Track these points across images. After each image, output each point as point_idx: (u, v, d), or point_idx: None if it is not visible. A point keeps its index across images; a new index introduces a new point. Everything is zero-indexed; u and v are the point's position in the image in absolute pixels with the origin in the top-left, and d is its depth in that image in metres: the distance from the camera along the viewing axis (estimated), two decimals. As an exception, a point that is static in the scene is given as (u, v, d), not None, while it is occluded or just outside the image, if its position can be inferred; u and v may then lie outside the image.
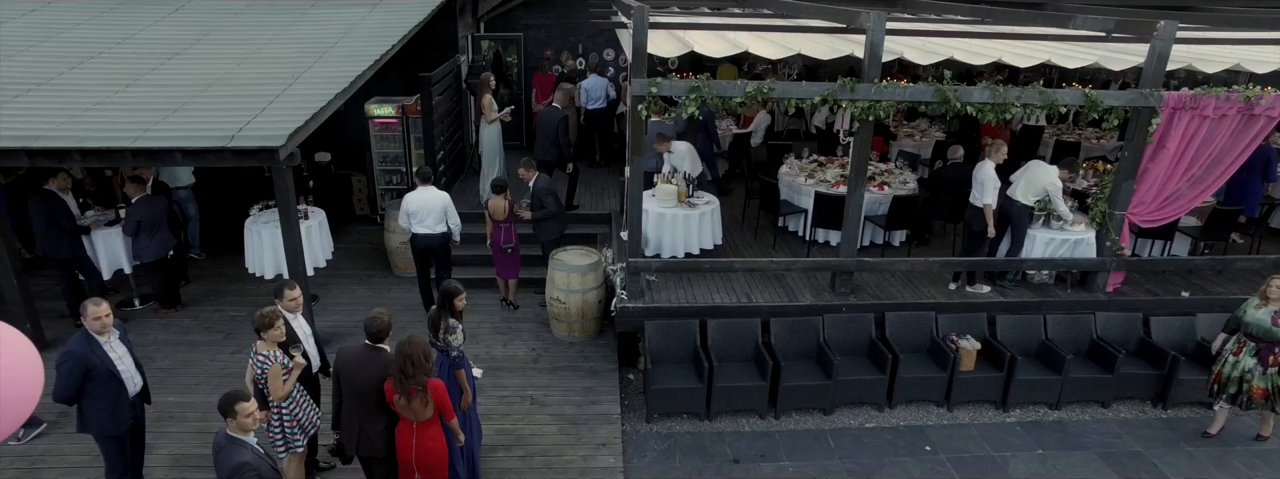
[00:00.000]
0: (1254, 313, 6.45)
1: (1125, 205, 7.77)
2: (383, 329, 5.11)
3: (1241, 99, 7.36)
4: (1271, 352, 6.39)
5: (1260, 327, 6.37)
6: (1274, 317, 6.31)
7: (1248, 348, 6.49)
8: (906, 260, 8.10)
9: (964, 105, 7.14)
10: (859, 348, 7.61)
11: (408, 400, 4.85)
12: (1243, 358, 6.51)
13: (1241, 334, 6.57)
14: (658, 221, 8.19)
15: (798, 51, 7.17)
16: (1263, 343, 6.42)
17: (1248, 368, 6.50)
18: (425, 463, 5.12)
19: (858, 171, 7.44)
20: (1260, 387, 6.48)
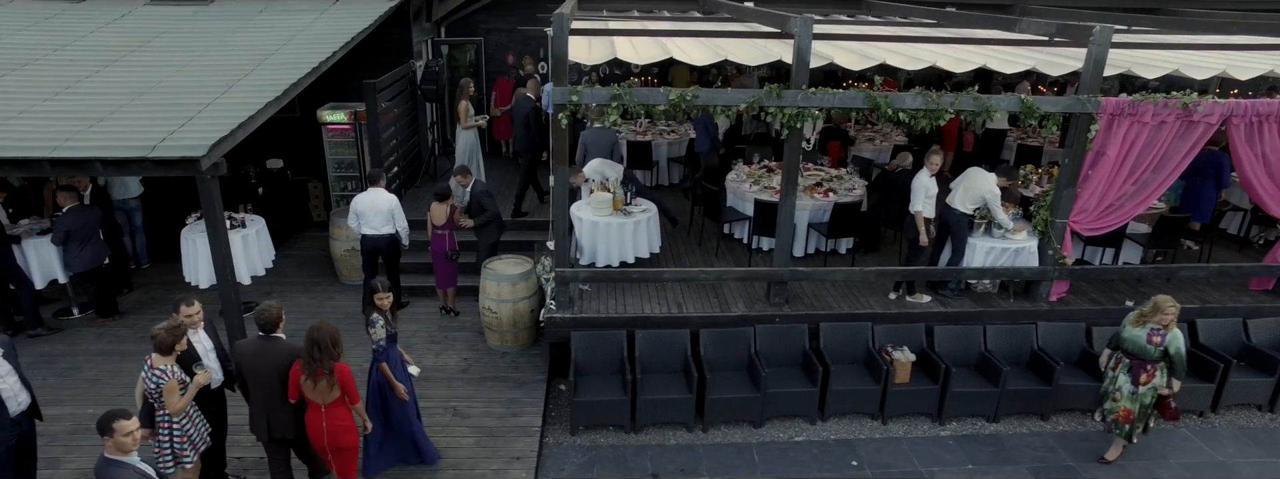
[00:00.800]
0: (1131, 330, 6.17)
1: (1067, 213, 7.58)
2: (272, 320, 5.34)
3: (1180, 105, 7.17)
4: (1144, 369, 6.16)
5: (1136, 344, 6.12)
6: (1150, 334, 6.07)
7: (1123, 364, 6.25)
8: (841, 270, 7.94)
9: (896, 112, 7.00)
10: (792, 359, 7.46)
11: (314, 383, 5.12)
12: (1118, 374, 6.28)
13: (1118, 350, 6.32)
14: (592, 230, 8.08)
15: (724, 57, 7.05)
16: (1136, 360, 6.17)
17: (1119, 386, 6.27)
18: (337, 444, 5.38)
19: (788, 179, 7.30)
20: (1126, 408, 6.26)
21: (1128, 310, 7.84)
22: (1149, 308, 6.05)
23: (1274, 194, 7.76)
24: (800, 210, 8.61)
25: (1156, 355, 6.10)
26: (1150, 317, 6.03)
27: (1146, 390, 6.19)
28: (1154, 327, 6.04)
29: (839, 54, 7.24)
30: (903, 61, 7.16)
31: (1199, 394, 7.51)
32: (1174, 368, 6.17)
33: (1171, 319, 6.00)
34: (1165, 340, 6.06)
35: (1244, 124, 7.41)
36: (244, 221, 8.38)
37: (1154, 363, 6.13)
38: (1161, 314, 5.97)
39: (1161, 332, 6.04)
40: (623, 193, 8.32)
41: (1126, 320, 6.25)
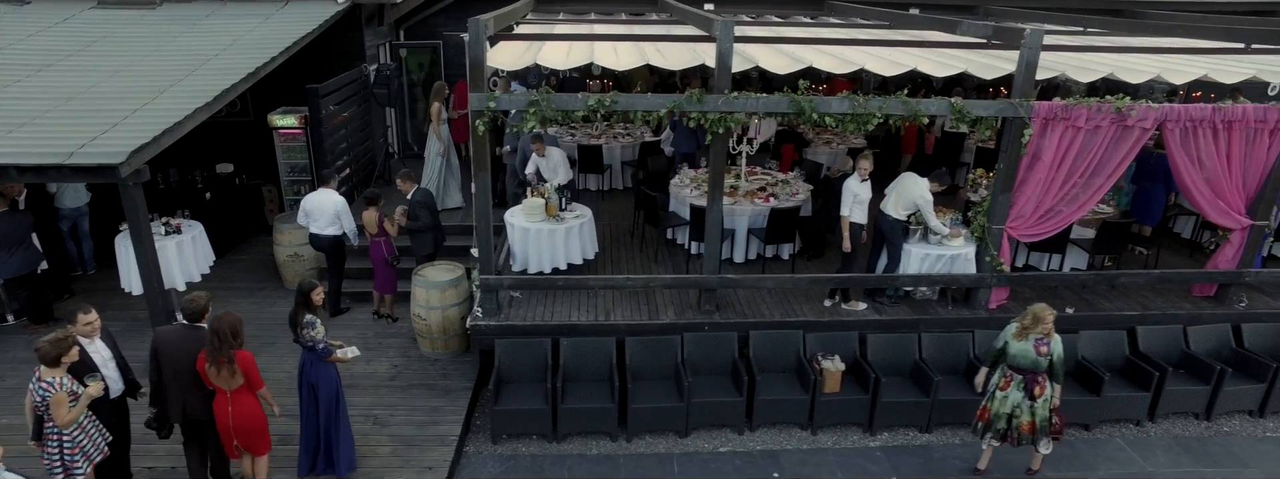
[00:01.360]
0: (1017, 345, 5.98)
1: (1003, 219, 7.45)
2: (199, 310, 5.53)
3: (1113, 110, 7.02)
4: (1036, 382, 5.99)
5: (1026, 358, 5.93)
6: (1036, 345, 5.90)
7: (1015, 381, 6.06)
8: (772, 276, 7.83)
9: (821, 116, 6.88)
10: (720, 368, 7.36)
11: (217, 370, 5.30)
12: (1011, 392, 6.09)
13: (1006, 367, 6.12)
14: (522, 236, 7.99)
15: (646, 62, 6.95)
16: (1028, 374, 6.00)
17: (1016, 402, 6.09)
18: (243, 428, 5.56)
19: (714, 185, 7.20)
20: (1028, 421, 6.10)
21: (1068, 317, 7.81)
22: (1028, 319, 5.89)
23: (1210, 200, 7.60)
24: (740, 216, 8.54)
25: (1046, 366, 5.96)
26: (1032, 328, 5.87)
27: (1042, 403, 6.05)
28: (1038, 337, 5.89)
29: (766, 56, 7.13)
30: (831, 64, 7.05)
31: (1135, 403, 7.37)
32: (1054, 374, 6.03)
33: (1051, 327, 5.87)
34: (1051, 349, 5.93)
35: (1179, 129, 7.26)
36: (180, 228, 8.33)
37: (1043, 374, 6.00)
38: (1042, 323, 5.83)
39: (1046, 341, 5.91)
40: (557, 199, 8.23)
41: (1007, 335, 6.07)
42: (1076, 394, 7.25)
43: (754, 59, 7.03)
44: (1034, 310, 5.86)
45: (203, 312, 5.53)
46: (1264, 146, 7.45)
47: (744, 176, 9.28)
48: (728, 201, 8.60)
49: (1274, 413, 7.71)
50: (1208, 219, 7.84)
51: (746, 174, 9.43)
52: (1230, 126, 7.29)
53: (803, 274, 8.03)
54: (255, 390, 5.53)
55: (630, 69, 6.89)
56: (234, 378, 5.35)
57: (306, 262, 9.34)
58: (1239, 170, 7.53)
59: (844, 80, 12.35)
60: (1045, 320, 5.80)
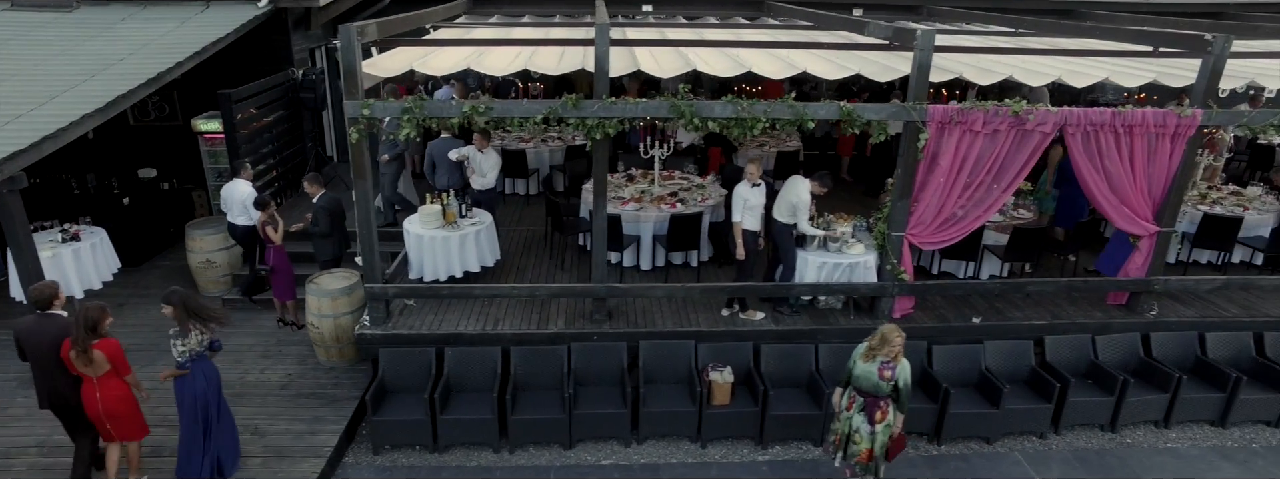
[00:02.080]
0: (862, 366, 5.66)
1: (903, 226, 7.27)
2: (45, 298, 5.72)
3: (1011, 114, 6.83)
4: (877, 406, 5.72)
5: (868, 381, 5.65)
6: (881, 368, 5.63)
7: (857, 403, 5.78)
8: (662, 285, 7.69)
9: (704, 121, 6.72)
10: (608, 378, 7.21)
11: (81, 358, 5.46)
12: (853, 414, 5.80)
13: (851, 389, 5.83)
14: (417, 244, 7.87)
15: (524, 67, 6.82)
16: (869, 398, 5.73)
17: (857, 427, 5.80)
18: (112, 411, 5.69)
19: (598, 192, 7.05)
20: (867, 448, 5.81)
21: (973, 327, 7.64)
22: (876, 340, 5.59)
23: (1115, 206, 7.39)
24: (645, 222, 8.40)
25: (888, 391, 5.68)
26: (879, 350, 5.58)
27: (882, 428, 5.77)
28: (883, 360, 5.62)
29: (649, 60, 6.98)
30: (718, 68, 6.89)
31: (1038, 415, 7.18)
32: (899, 402, 5.76)
33: (899, 350, 5.60)
34: (895, 373, 5.65)
35: (1080, 134, 7.06)
36: (78, 234, 8.26)
37: (886, 399, 5.73)
38: (889, 346, 5.54)
39: (891, 365, 5.63)
40: (457, 205, 8.11)
41: (856, 355, 5.78)
42: (978, 407, 7.08)
43: (634, 64, 6.87)
44: (882, 331, 5.58)
45: (50, 300, 5.73)
46: (1166, 152, 7.24)
47: (658, 181, 9.13)
48: (633, 207, 8.48)
49: (1179, 423, 7.50)
50: (1117, 226, 7.62)
51: (662, 179, 9.28)
52: (1131, 131, 7.09)
53: (696, 283, 7.86)
54: (122, 376, 5.67)
55: (506, 74, 6.76)
56: (95, 365, 5.49)
57: (219, 267, 9.25)
58: (1143, 176, 7.32)
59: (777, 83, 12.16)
60: (892, 342, 5.52)
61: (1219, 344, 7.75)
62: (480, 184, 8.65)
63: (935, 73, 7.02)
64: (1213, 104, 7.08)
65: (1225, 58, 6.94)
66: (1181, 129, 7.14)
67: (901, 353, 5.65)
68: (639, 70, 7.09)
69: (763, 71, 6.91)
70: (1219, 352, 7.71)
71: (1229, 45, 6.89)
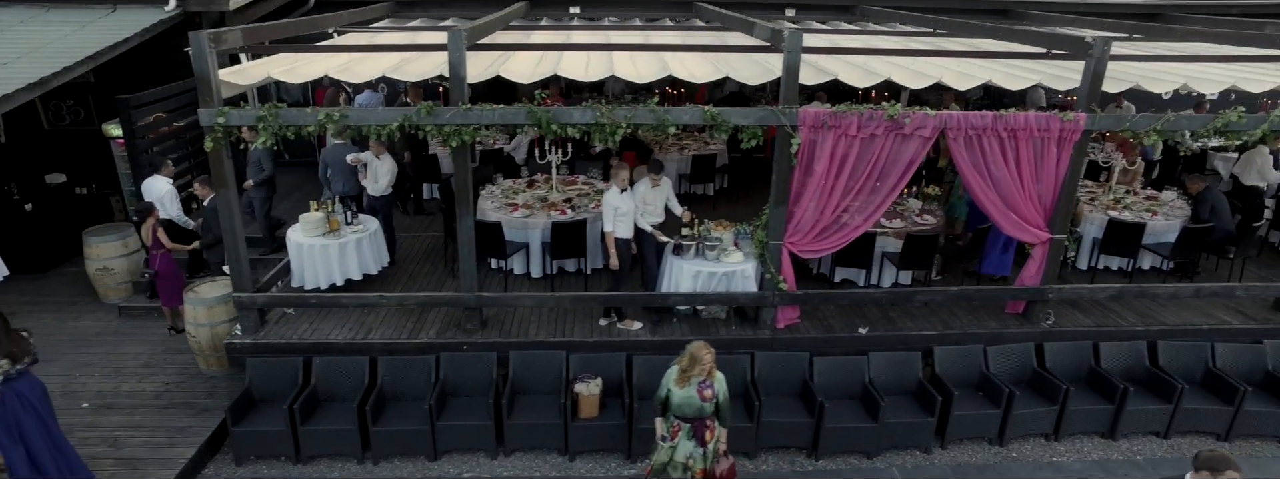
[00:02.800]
0: (680, 392, 5.41)
1: (781, 234, 7.09)
2: None
3: (886, 117, 6.64)
4: (705, 427, 5.53)
5: (691, 406, 5.43)
6: (700, 389, 5.42)
7: (684, 430, 5.55)
8: (531, 295, 7.53)
9: (562, 127, 6.57)
10: (477, 389, 7.05)
11: None
12: (680, 442, 5.57)
13: (672, 417, 5.58)
14: (298, 252, 7.75)
15: (380, 74, 6.68)
16: (696, 421, 5.52)
17: (689, 452, 5.58)
18: None
19: (462, 200, 6.90)
20: (702, 468, 5.62)
21: (860, 338, 7.44)
22: (685, 361, 5.37)
23: (1002, 211, 7.18)
24: (533, 229, 8.25)
25: (712, 410, 5.51)
26: (691, 371, 5.37)
27: (712, 446, 5.61)
28: (700, 380, 5.42)
29: (512, 66, 6.83)
30: (577, 72, 6.72)
31: (922, 429, 6.97)
32: (721, 417, 5.59)
33: (712, 365, 5.41)
34: (715, 391, 5.47)
35: (962, 138, 6.86)
36: (-37, 241, 8.21)
37: (712, 418, 5.55)
38: (700, 364, 5.33)
39: (708, 383, 5.44)
40: (342, 212, 7.99)
41: (668, 383, 5.52)
42: (857, 421, 6.89)
43: (496, 70, 6.72)
44: (690, 350, 5.35)
45: None
46: (1053, 157, 7.03)
47: (557, 187, 8.99)
48: (521, 214, 8.34)
49: (1069, 435, 7.28)
50: (1005, 232, 7.41)
51: (564, 184, 9.13)
52: (1015, 135, 6.89)
53: (568, 292, 7.71)
54: None
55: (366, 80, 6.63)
56: None
57: (118, 275, 9.17)
58: (1031, 181, 7.10)
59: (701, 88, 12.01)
60: (703, 360, 5.31)
61: (1114, 354, 7.52)
62: (375, 190, 8.52)
63: (819, 75, 6.87)
64: (1096, 108, 6.87)
65: (1105, 61, 6.72)
66: (1066, 134, 6.93)
67: (714, 367, 5.47)
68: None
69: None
70: (1113, 362, 7.48)
71: (1108, 48, 6.67)
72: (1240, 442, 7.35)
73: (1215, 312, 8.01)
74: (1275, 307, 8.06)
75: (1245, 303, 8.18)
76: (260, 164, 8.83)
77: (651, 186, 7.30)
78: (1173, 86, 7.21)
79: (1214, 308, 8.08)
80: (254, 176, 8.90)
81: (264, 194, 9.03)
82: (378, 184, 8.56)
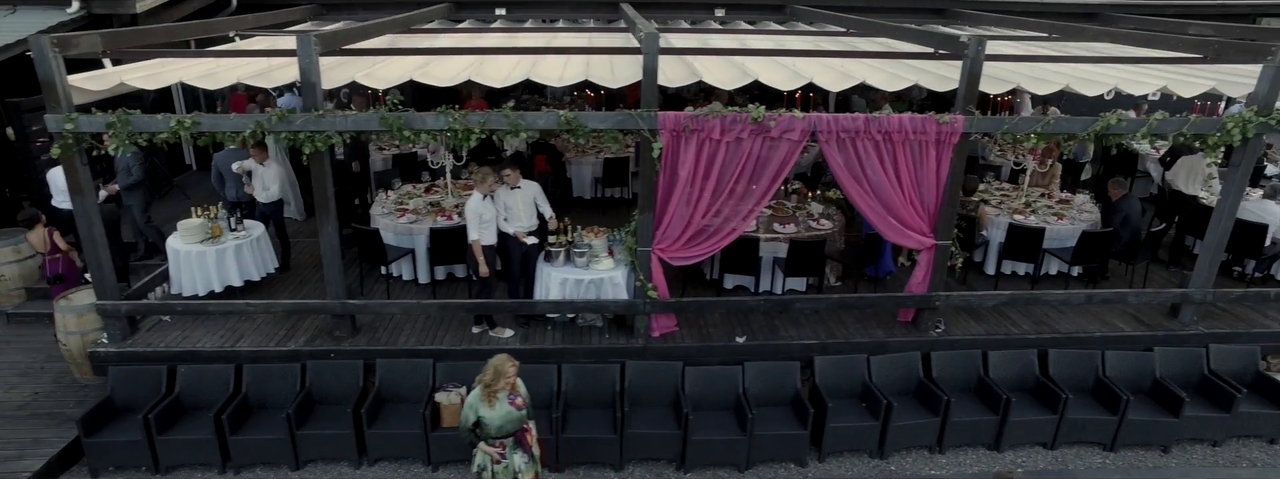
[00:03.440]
0: (493, 413, 5.22)
1: (649, 240, 6.92)
2: None
3: (751, 120, 6.46)
4: (523, 430, 5.43)
5: (511, 421, 5.28)
6: (511, 401, 5.28)
7: (508, 444, 5.40)
8: (398, 303, 7.40)
9: (417, 133, 6.43)
10: (344, 398, 6.92)
11: None
12: (510, 457, 5.41)
13: (490, 438, 5.34)
14: (175, 259, 7.63)
15: (237, 80, 6.55)
16: (517, 433, 5.40)
17: (520, 466, 5.44)
18: None
19: (321, 207, 6.77)
20: (534, 473, 5.52)
21: (736, 347, 7.26)
22: (489, 376, 5.20)
23: (882, 216, 6.99)
24: (418, 235, 8.11)
25: (527, 414, 5.42)
26: (495, 385, 5.21)
27: (534, 445, 5.53)
28: (508, 395, 5.29)
29: (357, 71, 6.67)
30: (424, 76, 6.57)
31: (796, 441, 6.77)
32: (528, 412, 5.50)
33: (515, 376, 5.29)
34: (524, 398, 5.37)
35: (835, 141, 6.68)
36: None
37: (529, 422, 5.47)
38: (505, 377, 5.20)
39: (515, 394, 5.32)
40: (226, 217, 7.87)
41: (476, 406, 5.29)
42: (728, 433, 6.70)
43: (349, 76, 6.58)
44: (493, 363, 5.20)
45: None
46: (932, 160, 6.83)
47: (453, 192, 8.84)
48: (407, 219, 8.21)
49: (954, 447, 7.07)
50: (887, 239, 7.22)
51: (461, 189, 8.99)
52: (890, 138, 6.70)
53: (429, 300, 7.56)
54: None
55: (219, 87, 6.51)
56: None
57: (9, 281, 9.06)
58: (911, 186, 6.91)
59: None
60: (506, 373, 5.18)
61: (1004, 363, 7.31)
62: (264, 197, 8.40)
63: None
64: (974, 110, 6.68)
65: (981, 61, 6.53)
66: (944, 136, 6.74)
67: (516, 375, 5.35)
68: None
69: (479, 79, 6.58)
70: (1003, 371, 7.28)
71: (983, 48, 6.48)
72: (1126, 451, 7.14)
73: (1112, 318, 7.80)
74: (1172, 313, 7.82)
75: (1143, 309, 7.96)
76: (129, 169, 8.63)
77: (511, 190, 7.14)
78: (1056, 87, 6.99)
79: (1112, 315, 7.86)
80: (122, 181, 8.72)
81: (139, 199, 8.87)
82: (267, 191, 8.43)
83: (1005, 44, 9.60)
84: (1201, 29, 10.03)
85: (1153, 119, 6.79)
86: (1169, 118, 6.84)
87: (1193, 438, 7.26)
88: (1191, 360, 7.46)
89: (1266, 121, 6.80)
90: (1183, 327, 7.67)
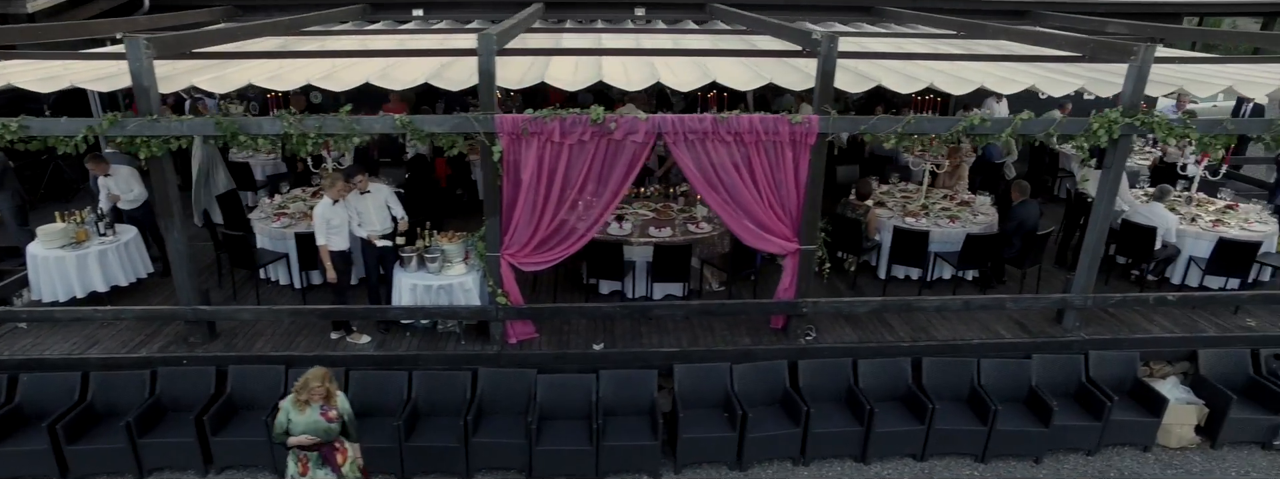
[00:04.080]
0: (303, 419, 5.16)
1: (498, 245, 6.77)
2: None
3: (591, 122, 6.29)
4: (335, 450, 5.29)
5: (318, 430, 5.18)
6: (324, 412, 5.18)
7: (312, 459, 5.27)
8: (250, 308, 7.28)
9: (253, 138, 6.32)
10: (196, 406, 6.79)
11: None
12: (312, 471, 5.29)
13: (298, 452, 5.28)
14: (33, 264, 7.56)
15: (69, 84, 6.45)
16: (325, 446, 5.27)
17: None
18: None
19: (164, 212, 6.67)
20: None
21: (593, 355, 7.08)
22: (299, 385, 5.14)
23: (738, 220, 6.79)
24: (292, 239, 7.99)
25: (340, 430, 5.28)
26: (302, 395, 5.13)
27: (349, 466, 5.36)
28: (320, 406, 5.18)
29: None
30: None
31: (646, 453, 6.58)
32: (350, 433, 5.39)
33: (326, 390, 5.18)
34: (339, 410, 5.27)
35: (683, 143, 6.49)
36: None
37: (340, 438, 5.32)
38: (308, 391, 5.10)
39: (330, 405, 5.22)
40: (93, 222, 7.81)
41: (288, 414, 5.21)
42: (576, 443, 6.54)
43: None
44: (305, 377, 5.13)
45: None
46: (789, 162, 6.63)
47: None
48: (280, 224, 8.11)
49: (820, 458, 6.86)
50: (746, 243, 7.01)
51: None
52: (742, 139, 6.50)
53: (280, 305, 7.45)
54: None
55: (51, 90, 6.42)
56: None
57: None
58: (769, 188, 6.70)
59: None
60: (310, 386, 5.11)
61: (876, 371, 7.09)
62: (128, 203, 8.26)
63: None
64: (831, 110, 6.46)
65: (834, 59, 6.33)
66: (799, 136, 6.53)
67: (334, 389, 5.26)
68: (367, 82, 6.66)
69: (379, 83, 6.46)
70: (872, 380, 7.05)
71: (836, 45, 6.28)
72: (997, 462, 6.90)
73: (995, 325, 7.54)
74: (1057, 319, 7.56)
75: (1030, 316, 7.69)
76: None
77: (362, 195, 7.02)
78: (923, 84, 6.75)
79: (996, 321, 7.61)
80: None
81: (9, 203, 8.78)
82: (131, 193, 8.28)
83: (917, 41, 9.39)
84: (1118, 27, 9.76)
85: (1018, 119, 6.55)
86: (1035, 117, 6.61)
87: (1068, 447, 7.03)
88: (1071, 368, 7.21)
89: (1131, 122, 6.55)
90: (1065, 333, 7.41)
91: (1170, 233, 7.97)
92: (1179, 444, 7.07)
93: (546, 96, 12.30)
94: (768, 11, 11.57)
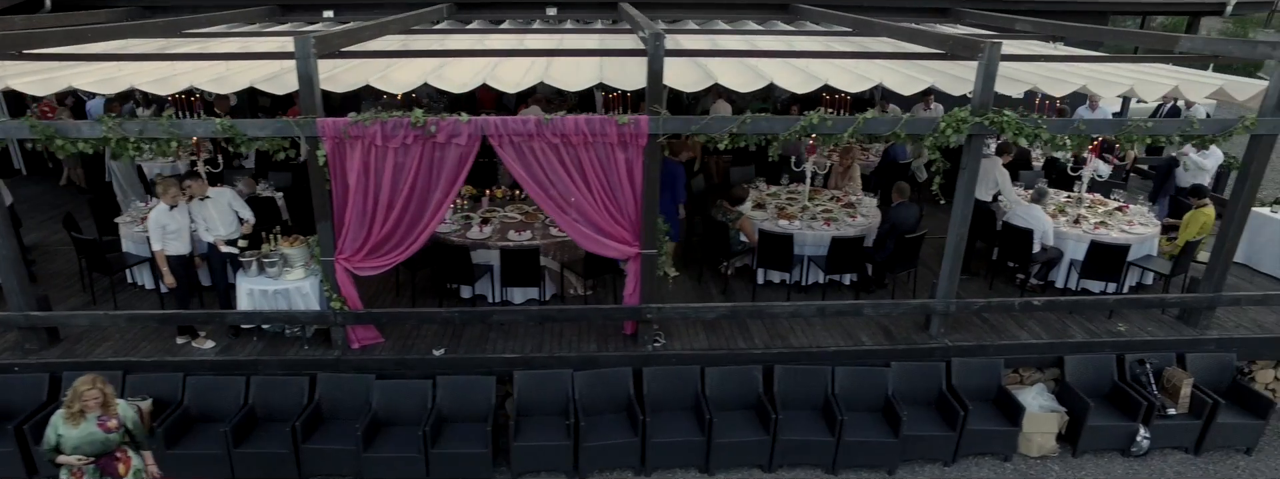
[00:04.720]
0: (76, 432, 4.96)
1: (332, 250, 6.65)
2: None
3: (412, 125, 6.16)
4: (116, 460, 5.12)
5: (95, 443, 5.01)
6: (101, 424, 5.01)
7: (88, 471, 5.08)
8: (85, 313, 7.22)
9: (72, 142, 6.25)
10: (23, 413, 6.72)
11: None
12: None
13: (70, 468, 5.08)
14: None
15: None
16: (103, 458, 5.09)
17: None
18: None
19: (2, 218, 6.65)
20: None
21: (437, 360, 6.95)
22: (71, 398, 4.96)
23: (571, 224, 6.62)
24: (146, 243, 7.94)
25: (121, 439, 5.12)
26: (74, 406, 4.96)
27: (132, 477, 5.21)
28: (98, 416, 5.03)
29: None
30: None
31: (476, 460, 6.44)
32: (137, 442, 5.24)
33: (103, 400, 5.02)
34: (121, 419, 5.10)
35: (509, 145, 6.34)
36: None
37: (122, 448, 5.17)
38: (82, 401, 4.94)
39: (108, 416, 5.06)
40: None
41: (58, 426, 4.98)
42: (407, 450, 6.40)
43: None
44: (75, 386, 4.97)
45: None
46: (622, 164, 6.45)
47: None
48: (140, 229, 8.04)
49: (662, 468, 6.70)
50: (584, 248, 6.84)
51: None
52: (569, 141, 6.33)
53: (118, 312, 7.38)
54: None
55: None
56: None
57: None
58: (603, 191, 6.53)
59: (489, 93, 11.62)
60: (83, 396, 4.94)
61: (725, 379, 6.88)
62: None
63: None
64: (661, 110, 6.28)
65: (661, 58, 6.14)
66: (629, 138, 6.35)
67: (113, 397, 5.11)
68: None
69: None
70: (721, 388, 6.85)
71: (663, 44, 6.10)
72: (849, 473, 6.67)
73: (857, 332, 7.29)
74: (925, 326, 7.29)
75: (898, 322, 7.44)
76: None
77: (202, 201, 6.94)
78: (764, 82, 6.56)
79: (860, 328, 7.36)
80: None
81: None
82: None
83: (806, 39, 9.17)
84: (1025, 25, 9.46)
85: (861, 118, 6.34)
86: (880, 115, 6.39)
87: (926, 458, 6.79)
88: (933, 376, 6.96)
89: (981, 121, 6.30)
90: (930, 340, 7.15)
91: (1047, 235, 7.67)
92: (1040, 453, 6.80)
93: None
94: (684, 10, 11.47)
